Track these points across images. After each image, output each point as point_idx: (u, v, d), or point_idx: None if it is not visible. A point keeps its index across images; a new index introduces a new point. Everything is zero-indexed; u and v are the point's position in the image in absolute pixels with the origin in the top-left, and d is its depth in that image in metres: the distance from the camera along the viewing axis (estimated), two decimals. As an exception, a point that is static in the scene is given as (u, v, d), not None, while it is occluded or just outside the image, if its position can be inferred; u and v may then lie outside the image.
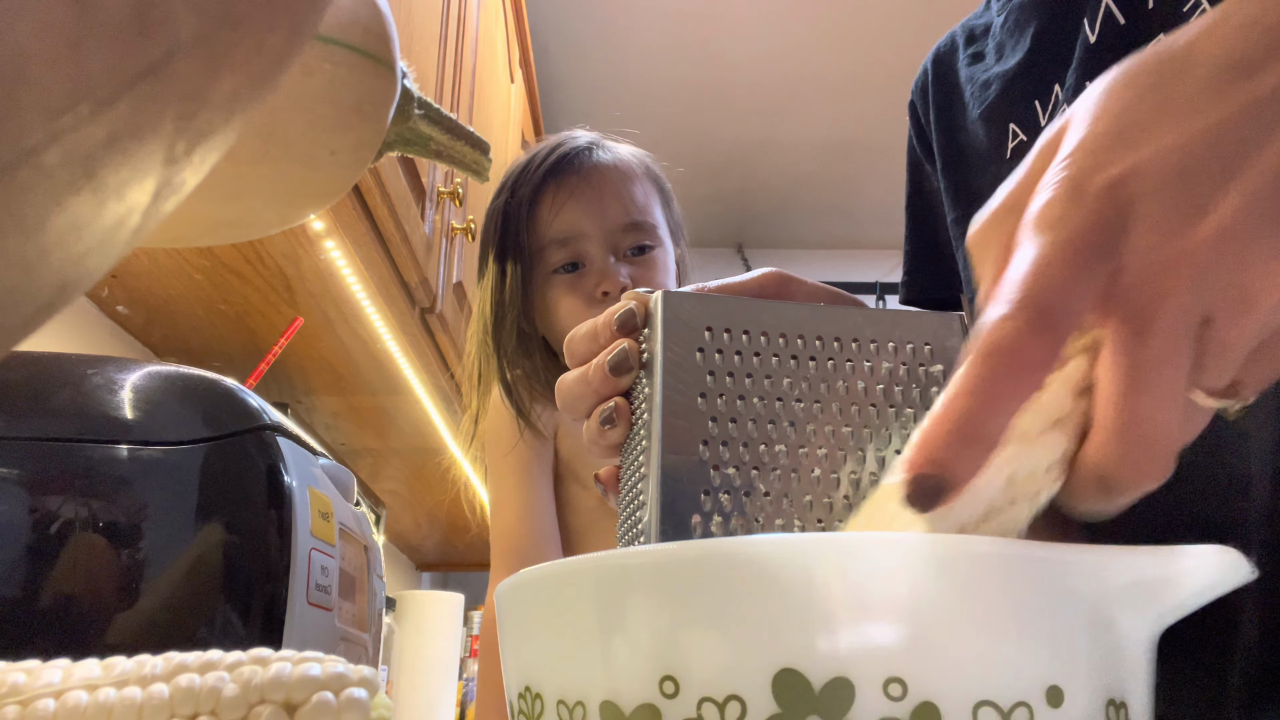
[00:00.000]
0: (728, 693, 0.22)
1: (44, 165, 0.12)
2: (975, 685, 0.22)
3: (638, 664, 0.23)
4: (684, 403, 0.34)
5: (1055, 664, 0.23)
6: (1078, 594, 0.24)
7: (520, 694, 0.27)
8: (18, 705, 0.34)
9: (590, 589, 0.25)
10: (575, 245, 0.99)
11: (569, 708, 0.25)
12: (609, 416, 0.36)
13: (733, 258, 3.42)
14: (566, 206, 0.99)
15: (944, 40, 0.66)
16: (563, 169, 1.01)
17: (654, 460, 0.34)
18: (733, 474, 0.34)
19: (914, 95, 0.67)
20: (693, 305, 0.35)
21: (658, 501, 0.33)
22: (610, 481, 0.38)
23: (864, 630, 0.22)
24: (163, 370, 0.61)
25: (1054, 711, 0.22)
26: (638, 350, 0.36)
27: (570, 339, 0.38)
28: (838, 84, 2.68)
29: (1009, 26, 0.57)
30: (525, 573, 0.27)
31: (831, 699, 0.22)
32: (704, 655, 0.23)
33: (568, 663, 0.25)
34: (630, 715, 0.23)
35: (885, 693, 0.22)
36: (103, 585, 0.53)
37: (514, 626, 0.28)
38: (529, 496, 1.00)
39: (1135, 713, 0.24)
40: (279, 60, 0.16)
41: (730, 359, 0.35)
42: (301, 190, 0.39)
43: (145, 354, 1.37)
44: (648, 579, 0.24)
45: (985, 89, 0.56)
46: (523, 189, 1.01)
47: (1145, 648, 0.25)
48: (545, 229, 0.99)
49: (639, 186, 1.03)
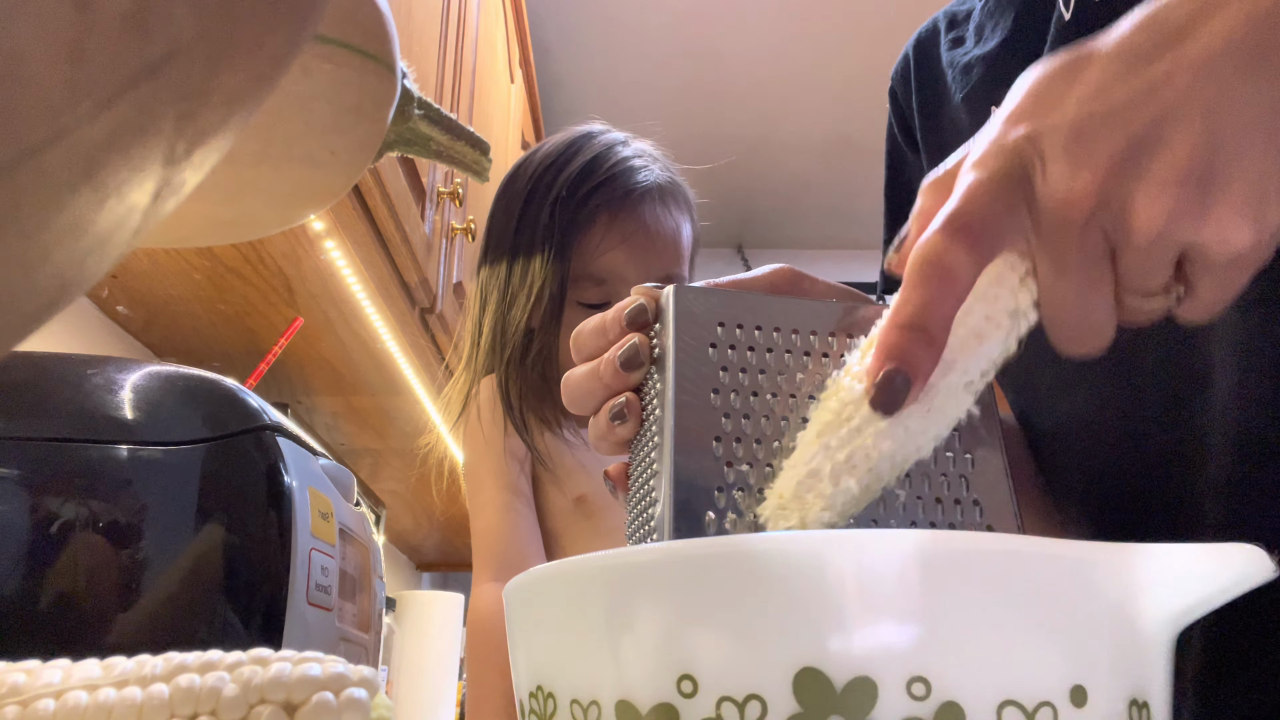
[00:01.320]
0: (747, 692, 0.22)
1: (44, 165, 0.12)
2: (999, 685, 0.22)
3: (653, 663, 0.23)
4: (696, 399, 0.34)
5: (1079, 663, 0.22)
6: (1102, 592, 0.23)
7: (531, 693, 0.27)
8: (18, 705, 0.34)
9: (604, 587, 0.25)
10: (611, 287, 0.96)
11: (583, 707, 0.25)
12: (619, 412, 0.36)
13: (733, 258, 3.42)
14: (618, 250, 0.95)
15: (925, 26, 0.66)
16: (623, 202, 0.96)
17: (667, 457, 0.33)
18: (746, 470, 0.33)
19: (894, 82, 0.67)
20: (705, 300, 0.35)
21: (671, 499, 0.32)
22: (619, 478, 0.38)
23: (885, 629, 0.22)
24: (163, 370, 0.61)
25: (1078, 711, 0.22)
26: (649, 345, 0.36)
27: (578, 334, 0.38)
28: (838, 84, 2.68)
29: (989, 8, 0.57)
30: (536, 570, 0.27)
31: (854, 698, 0.21)
32: (721, 654, 0.22)
33: (581, 662, 0.25)
34: (646, 715, 0.23)
35: (909, 692, 0.21)
36: (103, 585, 0.53)
37: (524, 625, 0.28)
38: (509, 496, 0.99)
39: (1156, 712, 0.24)
40: (279, 60, 0.16)
41: (743, 354, 0.35)
42: (301, 190, 0.39)
43: (145, 354, 1.37)
44: (662, 577, 0.24)
45: (967, 73, 0.57)
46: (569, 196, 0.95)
47: (1166, 646, 0.25)
48: (588, 260, 0.95)
49: (684, 235, 1.00)
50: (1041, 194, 0.29)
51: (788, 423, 0.34)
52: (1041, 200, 0.29)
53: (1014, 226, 0.30)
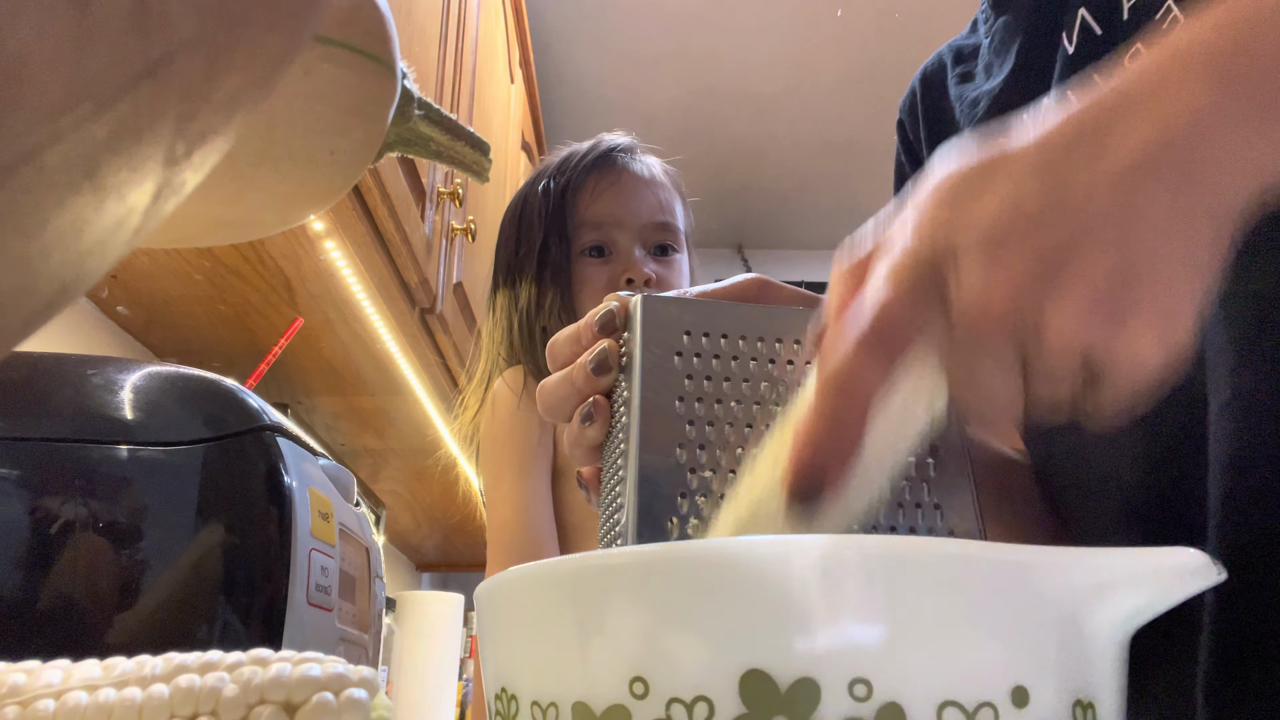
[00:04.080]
0: (696, 693, 0.22)
1: (45, 166, 0.12)
2: (940, 685, 0.22)
3: (610, 665, 0.24)
4: (662, 405, 0.34)
5: (1021, 664, 0.23)
6: (1044, 595, 0.24)
7: (497, 695, 0.27)
8: (18, 706, 0.34)
9: (564, 591, 0.25)
10: (607, 231, 1.07)
11: (542, 709, 0.25)
12: (588, 413, 0.37)
13: (732, 258, 3.42)
14: (606, 194, 1.08)
15: (931, 60, 0.66)
16: (606, 162, 1.10)
17: (631, 462, 0.34)
18: (709, 477, 0.34)
19: (902, 114, 0.68)
20: (671, 309, 0.36)
21: (634, 504, 0.33)
22: (592, 482, 0.39)
23: (830, 631, 0.22)
24: (163, 371, 0.61)
25: (1019, 712, 0.22)
26: (618, 351, 0.36)
27: (553, 343, 0.39)
28: (837, 84, 2.68)
29: (995, 46, 0.58)
30: (501, 574, 0.27)
31: (797, 699, 0.22)
32: (675, 656, 0.23)
33: (542, 664, 0.25)
34: (601, 716, 0.23)
35: (850, 693, 0.22)
36: (103, 586, 0.53)
37: (491, 628, 0.28)
38: (526, 493, 1.00)
39: (1104, 714, 0.24)
40: (279, 60, 0.16)
41: (709, 362, 0.35)
42: (301, 191, 0.39)
43: (145, 354, 1.37)
44: (621, 581, 0.24)
45: (974, 107, 0.57)
46: (564, 177, 1.10)
47: (1115, 649, 0.25)
48: (583, 212, 1.08)
49: (669, 193, 1.13)
50: (956, 302, 0.30)
51: (751, 430, 0.35)
52: (955, 308, 0.30)
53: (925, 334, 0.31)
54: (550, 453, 1.04)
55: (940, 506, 0.35)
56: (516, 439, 1.02)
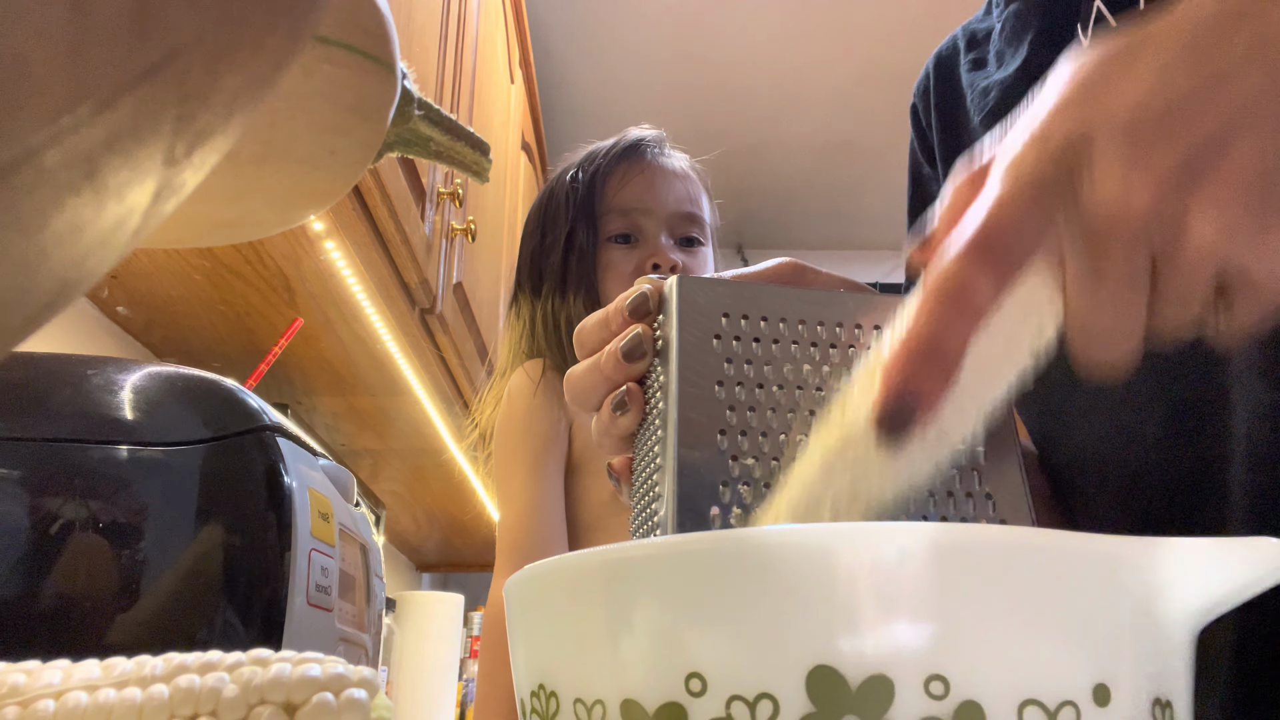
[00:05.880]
0: (759, 690, 0.21)
1: (44, 166, 0.12)
2: (1020, 683, 0.21)
3: (659, 661, 0.22)
4: (701, 391, 0.33)
5: (1102, 661, 0.21)
6: (1124, 586, 0.22)
7: (533, 692, 0.26)
8: (17, 706, 0.34)
9: (607, 582, 0.24)
10: (634, 218, 1.08)
11: (587, 706, 0.24)
12: (621, 401, 0.35)
13: (733, 258, 3.41)
14: (635, 181, 1.09)
15: (945, 43, 0.65)
16: (635, 152, 1.11)
17: (670, 451, 0.32)
18: (751, 464, 0.33)
19: (915, 98, 0.67)
20: (709, 290, 0.34)
21: (674, 494, 0.32)
22: (624, 472, 0.37)
23: (901, 625, 0.21)
24: (163, 371, 0.61)
25: (1101, 711, 0.21)
26: (652, 336, 0.35)
27: (580, 329, 0.37)
28: (837, 85, 2.68)
29: (1007, 34, 0.57)
30: (538, 565, 0.26)
31: (869, 698, 0.20)
32: (730, 651, 0.21)
33: (585, 659, 0.24)
34: (654, 714, 0.22)
35: (927, 691, 0.20)
36: (103, 586, 0.53)
37: (526, 621, 0.27)
38: (538, 491, 0.99)
39: (1179, 713, 0.23)
40: (279, 61, 0.16)
41: (748, 346, 0.34)
42: (301, 191, 0.39)
43: (145, 355, 1.37)
44: (667, 572, 0.23)
45: (985, 96, 0.56)
46: (592, 165, 1.10)
47: (1188, 644, 0.24)
48: (611, 198, 1.08)
49: (696, 186, 1.14)
50: (1088, 204, 0.26)
51: (794, 416, 0.33)
52: (1087, 210, 0.26)
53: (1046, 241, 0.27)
54: (565, 448, 1.04)
55: (991, 497, 0.34)
56: (532, 433, 1.01)
